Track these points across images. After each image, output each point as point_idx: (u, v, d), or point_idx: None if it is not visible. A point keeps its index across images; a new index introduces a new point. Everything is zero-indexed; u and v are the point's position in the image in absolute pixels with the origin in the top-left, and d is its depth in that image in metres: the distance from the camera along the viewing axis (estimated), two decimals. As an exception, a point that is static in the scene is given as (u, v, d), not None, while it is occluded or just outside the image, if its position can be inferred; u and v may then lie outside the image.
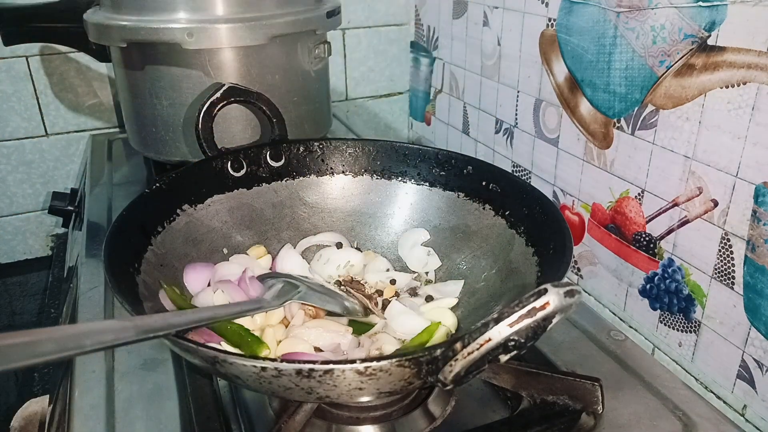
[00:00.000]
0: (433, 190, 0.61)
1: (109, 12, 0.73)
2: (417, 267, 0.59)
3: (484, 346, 0.32)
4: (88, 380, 0.51)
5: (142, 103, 0.75)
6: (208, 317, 0.42)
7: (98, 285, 0.64)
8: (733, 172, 0.49)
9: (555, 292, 0.31)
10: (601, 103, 0.63)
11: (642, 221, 0.60)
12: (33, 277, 1.10)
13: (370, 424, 0.46)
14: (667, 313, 0.58)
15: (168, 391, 0.50)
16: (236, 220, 0.60)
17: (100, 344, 0.32)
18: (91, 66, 1.01)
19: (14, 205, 1.05)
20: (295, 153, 0.63)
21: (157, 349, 0.54)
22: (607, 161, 0.63)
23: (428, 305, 0.54)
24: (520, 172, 0.80)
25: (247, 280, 0.51)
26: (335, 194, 0.64)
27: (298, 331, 0.48)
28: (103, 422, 0.47)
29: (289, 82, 0.76)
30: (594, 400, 0.47)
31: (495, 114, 0.85)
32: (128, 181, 0.89)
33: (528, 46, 0.74)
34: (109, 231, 0.46)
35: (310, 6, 0.76)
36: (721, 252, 0.51)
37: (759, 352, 0.49)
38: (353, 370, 0.33)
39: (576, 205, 0.69)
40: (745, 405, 0.52)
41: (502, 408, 0.50)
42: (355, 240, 0.62)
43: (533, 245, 0.51)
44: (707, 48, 0.50)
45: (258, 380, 0.35)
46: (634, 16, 0.56)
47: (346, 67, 1.13)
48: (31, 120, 1.01)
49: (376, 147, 0.63)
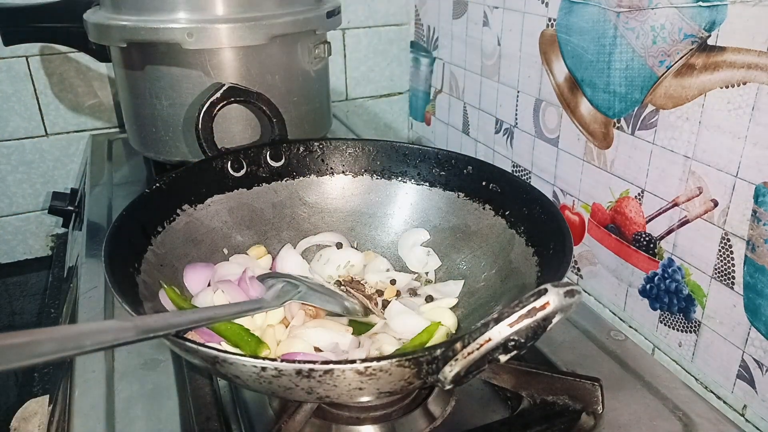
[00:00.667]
0: (433, 190, 0.61)
1: (109, 12, 0.73)
2: (417, 267, 0.59)
3: (484, 346, 0.32)
4: (88, 380, 0.51)
5: (142, 103, 0.75)
6: (208, 317, 0.42)
7: (98, 285, 0.64)
8: (733, 172, 0.49)
9: (555, 292, 0.31)
10: (601, 103, 0.63)
11: (642, 221, 0.60)
12: (33, 277, 1.10)
13: (370, 424, 0.46)
14: (667, 313, 0.58)
15: (168, 391, 0.50)
16: (236, 220, 0.60)
17: (100, 344, 0.32)
18: (91, 66, 1.01)
19: (14, 205, 1.05)
20: (295, 153, 0.63)
21: (157, 349, 0.54)
22: (607, 161, 0.63)
23: (428, 305, 0.54)
24: (520, 172, 0.80)
25: (247, 280, 0.51)
26: (335, 194, 0.64)
27: (298, 331, 0.48)
28: (103, 422, 0.47)
29: (289, 82, 0.76)
30: (594, 400, 0.47)
31: (495, 114, 0.85)
32: (128, 181, 0.89)
33: (528, 46, 0.74)
34: (109, 231, 0.46)
35: (310, 6, 0.76)
36: (721, 252, 0.51)
37: (759, 352, 0.49)
38: (353, 370, 0.33)
39: (576, 205, 0.69)
40: (745, 405, 0.52)
41: (502, 408, 0.50)
42: (355, 240, 0.62)
43: (533, 245, 0.51)
44: (707, 48, 0.50)
45: (258, 380, 0.35)
46: (634, 16, 0.56)
47: (346, 67, 1.13)
48: (31, 120, 1.01)
49: (376, 147, 0.63)
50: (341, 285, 0.57)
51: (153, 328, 0.35)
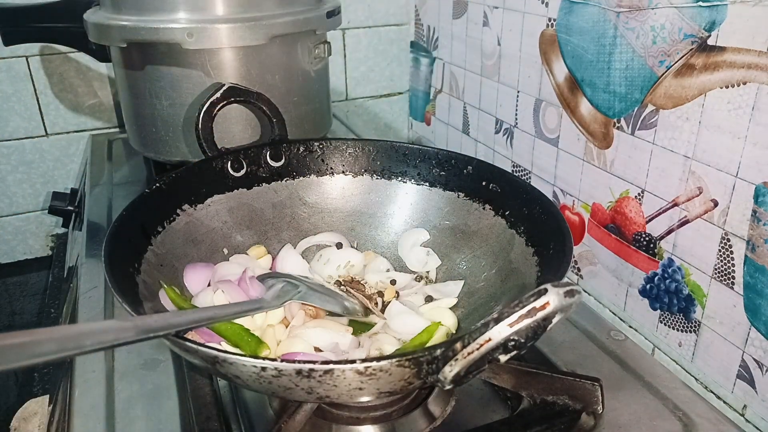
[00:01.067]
0: (433, 190, 0.61)
1: (109, 12, 0.73)
2: (417, 267, 0.59)
3: (484, 346, 0.32)
4: (88, 380, 0.51)
5: (142, 103, 0.75)
6: (208, 317, 0.42)
7: (98, 285, 0.64)
8: (733, 172, 0.49)
9: (555, 292, 0.31)
10: (601, 103, 0.63)
11: (642, 221, 0.60)
12: (33, 277, 1.10)
13: (370, 424, 0.46)
14: (667, 313, 0.58)
15: (168, 391, 0.50)
16: (236, 220, 0.60)
17: (100, 344, 0.32)
18: (91, 66, 1.01)
19: (14, 205, 1.05)
20: (295, 153, 0.63)
21: (157, 349, 0.54)
22: (607, 161, 0.63)
23: (428, 305, 0.54)
24: (520, 172, 0.80)
25: (247, 280, 0.51)
26: (335, 194, 0.64)
27: (298, 331, 0.48)
28: (103, 422, 0.47)
29: (289, 82, 0.76)
30: (594, 400, 0.47)
31: (495, 114, 0.85)
32: (128, 181, 0.89)
33: (528, 46, 0.74)
34: (109, 231, 0.46)
35: (310, 6, 0.76)
36: (721, 252, 0.51)
37: (759, 352, 0.49)
38: (353, 370, 0.33)
39: (576, 205, 0.69)
40: (745, 405, 0.52)
41: (502, 408, 0.50)
42: (355, 240, 0.62)
43: (533, 245, 0.51)
44: (707, 48, 0.50)
45: (258, 380, 0.35)
46: (634, 16, 0.56)
47: (346, 67, 1.13)
48: (31, 120, 1.01)
49: (376, 147, 0.63)
50: (341, 285, 0.56)
51: (153, 328, 0.35)
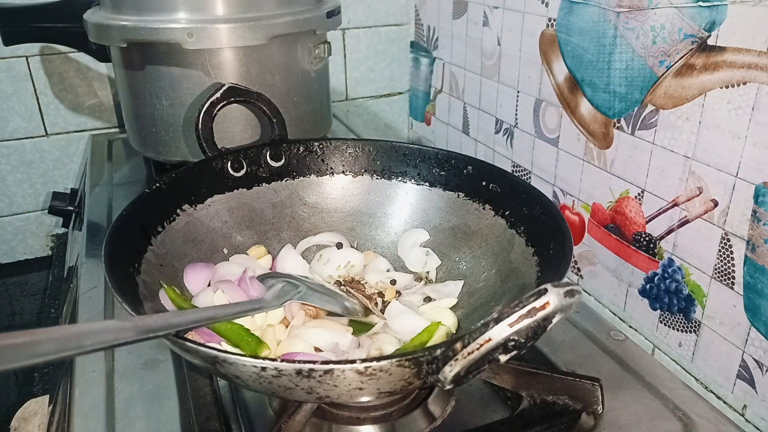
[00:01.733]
0: (433, 190, 0.61)
1: (109, 12, 0.73)
2: (416, 267, 0.59)
3: (484, 346, 0.32)
4: (88, 380, 0.51)
5: (142, 103, 0.75)
6: (208, 317, 0.42)
7: (98, 285, 0.64)
8: (733, 172, 0.49)
9: (555, 292, 0.31)
10: (601, 103, 0.63)
11: (642, 221, 0.60)
12: (33, 277, 1.10)
13: (370, 424, 0.46)
14: (667, 313, 0.58)
15: (168, 391, 0.50)
16: (236, 220, 0.60)
17: (100, 344, 0.32)
18: (91, 66, 1.01)
19: (14, 205, 1.05)
20: (295, 153, 0.63)
21: (157, 349, 0.54)
22: (607, 161, 0.63)
23: (428, 305, 0.54)
24: (520, 172, 0.80)
25: (247, 280, 0.51)
26: (335, 194, 0.64)
27: (298, 331, 0.48)
28: (103, 422, 0.47)
29: (289, 82, 0.76)
30: (594, 400, 0.47)
31: (495, 114, 0.85)
32: (128, 181, 0.89)
33: (528, 46, 0.74)
34: (109, 231, 0.46)
35: (310, 6, 0.76)
36: (721, 252, 0.51)
37: (759, 352, 0.49)
38: (353, 370, 0.33)
39: (576, 205, 0.69)
40: (745, 405, 0.52)
41: (502, 408, 0.50)
42: (355, 240, 0.62)
43: (533, 245, 0.51)
44: (707, 48, 0.50)
45: (258, 380, 0.35)
46: (634, 16, 0.56)
47: (346, 67, 1.13)
48: (31, 120, 1.01)
49: (376, 147, 0.63)
50: (341, 285, 0.57)
51: (153, 328, 0.35)
